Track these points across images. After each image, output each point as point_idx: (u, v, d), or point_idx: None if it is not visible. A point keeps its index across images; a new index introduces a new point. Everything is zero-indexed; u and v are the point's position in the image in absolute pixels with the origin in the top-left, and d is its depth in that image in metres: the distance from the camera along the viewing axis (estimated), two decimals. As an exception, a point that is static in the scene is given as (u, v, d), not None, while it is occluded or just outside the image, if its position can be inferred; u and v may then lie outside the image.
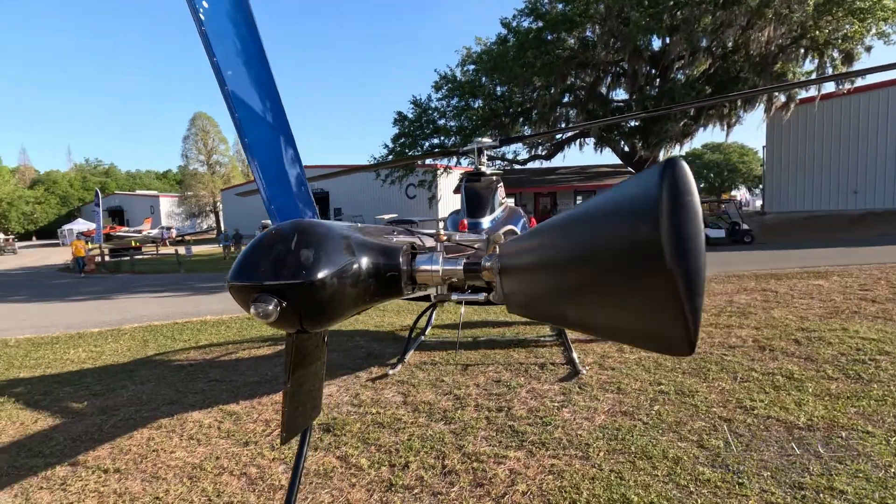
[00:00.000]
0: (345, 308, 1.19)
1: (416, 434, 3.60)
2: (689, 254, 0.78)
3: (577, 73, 20.62)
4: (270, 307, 1.05)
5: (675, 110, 16.67)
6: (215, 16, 1.12)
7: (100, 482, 3.14)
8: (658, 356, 5.14)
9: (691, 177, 0.78)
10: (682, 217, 0.78)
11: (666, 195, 0.76)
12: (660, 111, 15.38)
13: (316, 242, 1.10)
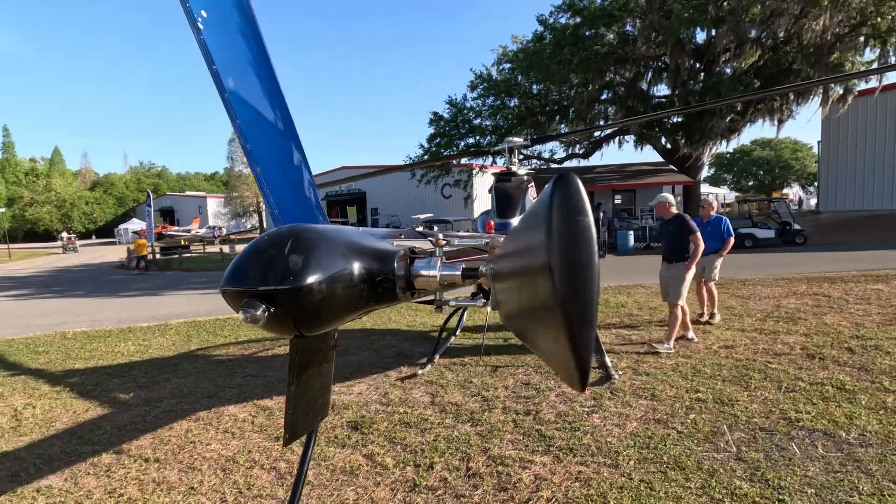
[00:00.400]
0: (337, 313, 1.19)
1: (442, 435, 3.59)
2: (578, 284, 0.72)
3: (616, 68, 20.12)
4: (258, 312, 1.06)
5: (720, 105, 15.96)
6: (214, 25, 1.15)
7: (141, 470, 3.29)
8: (696, 363, 4.94)
9: (582, 195, 0.73)
10: (572, 244, 0.73)
11: (556, 221, 0.71)
12: (702, 106, 14.75)
13: (307, 247, 1.10)
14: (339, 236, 1.25)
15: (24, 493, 3.07)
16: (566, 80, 19.31)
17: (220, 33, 1.14)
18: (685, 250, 5.50)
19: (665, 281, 5.69)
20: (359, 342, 6.57)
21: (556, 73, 18.58)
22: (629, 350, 5.50)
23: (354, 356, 5.89)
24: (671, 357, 5.16)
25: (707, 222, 6.65)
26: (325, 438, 3.64)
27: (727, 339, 5.73)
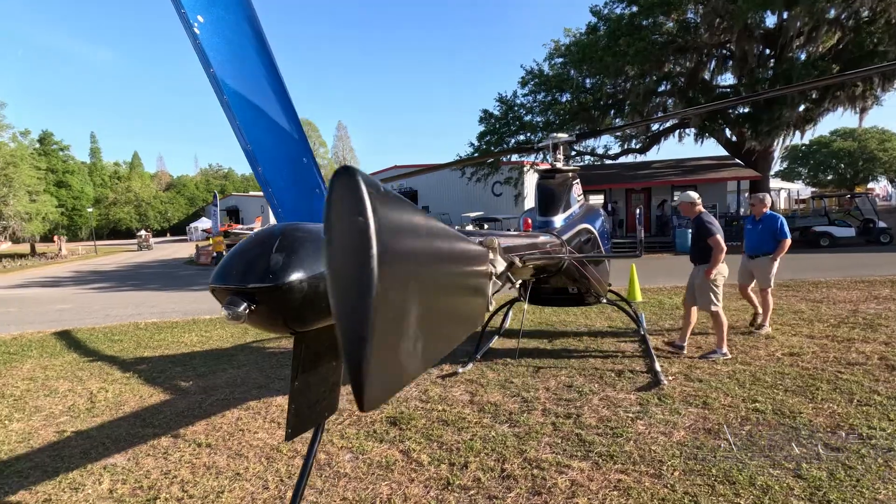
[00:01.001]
0: (324, 311, 1.19)
1: (478, 434, 3.57)
2: (346, 292, 0.63)
3: (676, 58, 19.13)
4: (240, 310, 1.08)
5: (788, 93, 14.79)
6: (212, 28, 1.18)
7: (194, 454, 3.50)
8: (756, 370, 4.62)
9: (361, 191, 0.61)
10: (340, 247, 0.64)
11: (329, 221, 0.63)
12: (759, 95, 13.73)
13: (294, 246, 1.11)
14: None
15: (93, 469, 3.35)
16: (621, 72, 18.60)
17: (217, 37, 1.17)
18: (707, 253, 5.04)
19: (692, 285, 5.26)
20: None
21: (610, 65, 17.94)
22: (683, 357, 5.22)
23: (398, 352, 5.97)
24: (728, 363, 4.85)
25: (758, 220, 6.01)
26: (364, 432, 3.72)
27: (793, 346, 5.31)
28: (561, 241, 4.06)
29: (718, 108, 17.85)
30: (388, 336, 0.69)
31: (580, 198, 5.05)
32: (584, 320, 7.15)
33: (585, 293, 4.96)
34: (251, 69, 1.26)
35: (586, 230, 4.67)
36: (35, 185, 36.45)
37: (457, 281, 1.11)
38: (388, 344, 0.69)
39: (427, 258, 0.86)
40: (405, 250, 0.74)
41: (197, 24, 1.14)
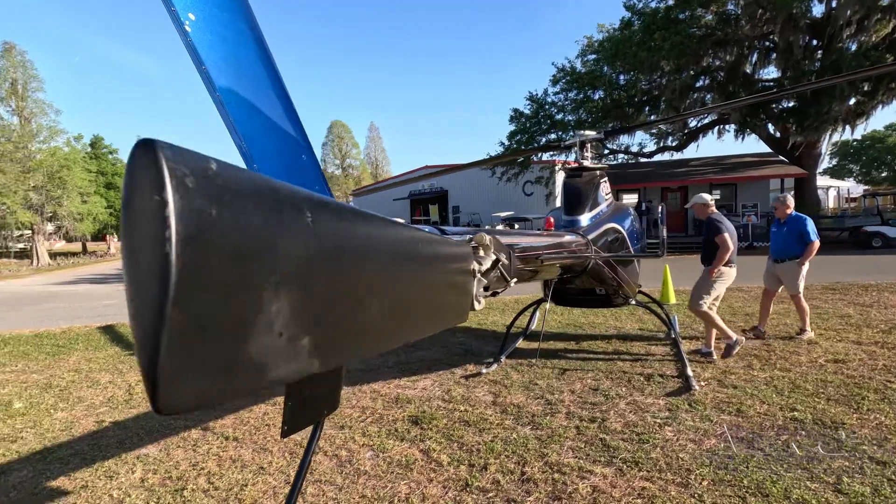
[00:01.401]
0: None
1: (499, 436, 3.52)
2: (134, 278, 0.56)
3: (715, 52, 18.46)
4: None
5: (841, 84, 14.02)
6: (203, 26, 1.19)
7: (221, 447, 3.60)
8: (796, 377, 4.40)
9: (159, 166, 0.53)
10: (133, 227, 0.55)
11: (124, 198, 0.56)
12: (792, 89, 13.04)
13: None
14: None
15: (127, 459, 3.49)
16: (656, 67, 18.10)
17: (209, 34, 1.18)
18: (714, 253, 4.93)
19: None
20: (429, 338, 6.66)
21: (644, 60, 17.49)
22: (719, 362, 5.02)
23: (423, 351, 5.98)
24: (765, 369, 4.63)
25: (784, 223, 5.71)
26: (385, 431, 3.74)
27: (838, 352, 5.02)
28: (586, 240, 3.97)
29: (758, 101, 17.07)
30: (194, 332, 0.60)
31: (608, 196, 4.93)
32: (614, 322, 6.98)
33: (613, 294, 4.84)
34: (246, 66, 1.27)
35: (613, 230, 4.54)
36: (86, 186, 38.50)
37: (379, 277, 0.96)
38: (193, 341, 0.60)
39: (296, 246, 0.73)
40: (236, 237, 0.63)
41: (188, 21, 1.15)
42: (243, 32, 1.26)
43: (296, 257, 0.74)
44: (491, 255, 1.58)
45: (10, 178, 32.09)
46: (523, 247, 2.49)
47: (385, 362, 5.59)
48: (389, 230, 0.99)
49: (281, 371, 0.75)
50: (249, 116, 1.27)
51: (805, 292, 8.52)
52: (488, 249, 1.57)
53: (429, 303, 1.20)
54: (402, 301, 1.07)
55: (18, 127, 34.55)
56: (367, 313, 0.94)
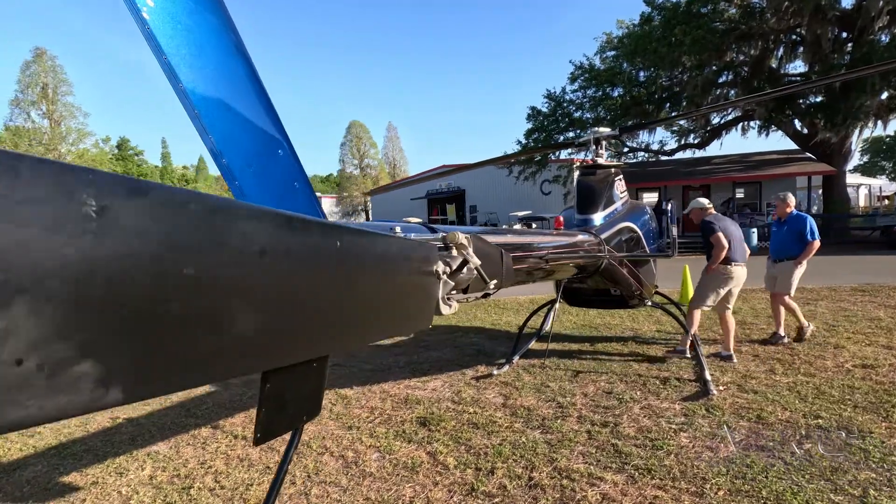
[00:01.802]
0: None
1: (508, 440, 3.45)
2: None
3: (739, 46, 17.96)
4: None
5: (871, 77, 13.49)
6: (163, 14, 1.15)
7: (229, 446, 3.61)
8: (821, 382, 4.22)
9: None
10: None
11: None
12: (831, 79, 12.58)
13: None
14: None
15: (137, 456, 3.52)
16: (677, 63, 17.72)
17: (171, 22, 1.14)
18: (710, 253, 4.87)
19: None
20: (442, 337, 6.62)
21: (665, 56, 17.12)
22: (739, 365, 4.85)
23: (435, 352, 5.93)
24: (788, 374, 4.46)
25: (783, 222, 5.54)
26: (393, 432, 3.70)
27: (866, 357, 4.81)
28: (599, 240, 3.86)
29: (781, 95, 16.51)
30: None
31: (624, 195, 4.80)
32: (631, 323, 6.83)
33: (628, 295, 4.71)
34: (213, 56, 1.22)
35: (628, 229, 4.42)
36: (113, 187, 39.53)
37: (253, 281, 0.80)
38: None
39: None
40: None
41: (147, 8, 1.12)
42: (209, 21, 1.21)
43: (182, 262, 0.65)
44: (467, 255, 1.51)
45: (40, 179, 33.13)
46: (522, 246, 2.42)
47: (396, 362, 5.56)
48: (318, 231, 0.91)
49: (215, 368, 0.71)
50: (219, 110, 1.22)
51: (832, 294, 8.24)
52: (463, 249, 1.50)
53: (375, 307, 1.12)
54: (338, 306, 0.98)
55: (49, 130, 35.68)
56: (290, 319, 0.87)
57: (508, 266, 1.81)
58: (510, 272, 1.84)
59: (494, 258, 1.71)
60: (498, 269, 1.72)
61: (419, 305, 1.31)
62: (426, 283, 1.32)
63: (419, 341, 6.50)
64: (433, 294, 1.37)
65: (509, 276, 1.84)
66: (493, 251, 1.70)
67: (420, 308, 1.32)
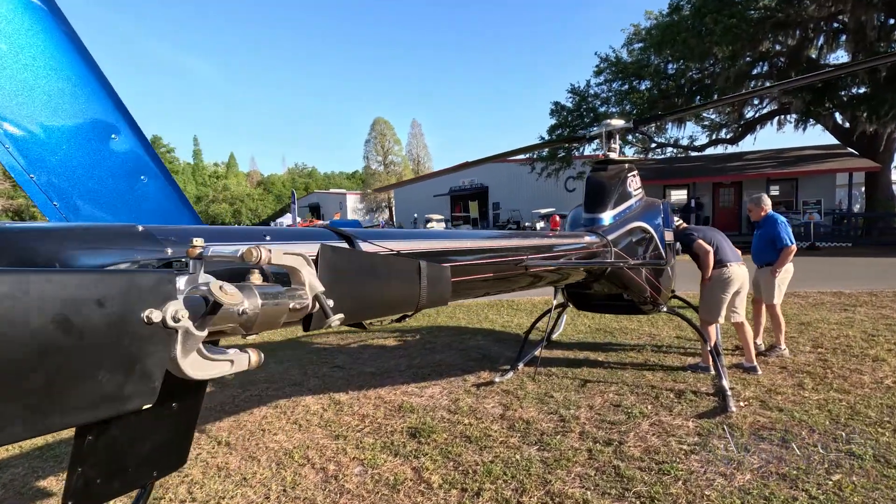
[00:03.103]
0: None
1: (501, 456, 3.20)
2: None
3: (775, 35, 17.04)
4: None
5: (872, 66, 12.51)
6: None
7: (211, 453, 3.47)
8: (856, 401, 3.81)
9: None
10: None
11: None
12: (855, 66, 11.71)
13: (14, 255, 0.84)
14: None
15: (117, 460, 3.41)
16: (707, 54, 16.92)
17: None
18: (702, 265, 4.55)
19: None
20: (448, 339, 6.39)
21: (695, 47, 16.36)
22: (762, 377, 4.46)
23: (439, 354, 5.71)
24: (819, 390, 4.05)
25: (759, 225, 5.13)
26: (381, 443, 3.49)
27: (909, 373, 4.35)
28: (604, 241, 3.56)
29: (817, 84, 15.48)
30: None
31: (638, 192, 4.45)
32: (649, 328, 6.45)
33: (640, 301, 4.38)
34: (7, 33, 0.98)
35: (640, 229, 4.08)
36: (145, 184, 40.75)
37: None
38: None
39: None
40: None
41: None
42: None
43: None
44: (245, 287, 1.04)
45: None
46: (524, 247, 2.16)
47: (398, 365, 5.36)
48: None
49: None
50: (16, 90, 0.97)
51: (874, 299, 7.64)
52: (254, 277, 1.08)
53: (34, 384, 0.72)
54: None
55: (85, 128, 36.94)
56: None
57: (438, 279, 1.53)
58: (441, 288, 1.55)
59: (375, 276, 1.34)
60: (394, 290, 1.40)
61: (127, 376, 0.85)
62: (134, 339, 0.84)
63: (425, 343, 6.29)
64: (154, 354, 0.88)
65: (439, 292, 1.55)
66: (384, 266, 1.37)
67: (130, 380, 0.86)
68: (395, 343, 6.44)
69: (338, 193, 74.02)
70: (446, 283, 1.55)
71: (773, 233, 4.94)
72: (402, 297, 1.43)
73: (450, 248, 1.83)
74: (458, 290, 1.91)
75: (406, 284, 1.38)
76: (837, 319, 6.48)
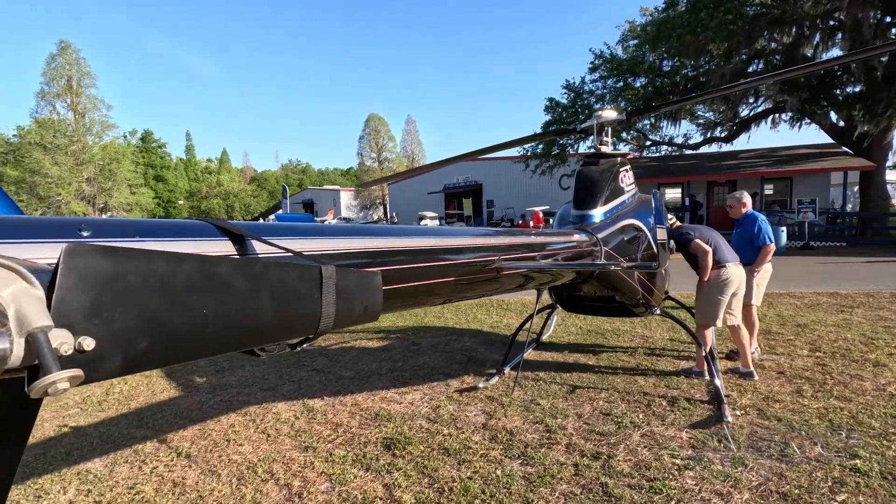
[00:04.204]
0: None
1: (480, 472, 2.96)
2: None
3: (771, 33, 16.88)
4: None
5: None
6: None
7: (169, 466, 3.21)
8: (858, 410, 3.60)
9: None
10: None
11: None
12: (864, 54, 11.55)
13: None
14: None
15: (65, 475, 3.15)
16: (702, 51, 16.73)
17: None
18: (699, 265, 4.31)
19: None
20: (434, 341, 6.15)
21: (690, 43, 16.16)
22: (760, 383, 4.25)
23: (423, 357, 5.47)
24: (819, 398, 3.85)
25: (738, 223, 4.93)
26: (353, 455, 3.24)
27: (913, 379, 4.15)
28: (594, 239, 3.32)
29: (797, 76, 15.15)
30: None
31: (631, 188, 4.22)
32: (642, 330, 6.23)
33: (632, 304, 4.15)
34: None
35: (632, 227, 3.85)
36: (134, 178, 40.18)
37: None
38: None
39: None
40: None
41: None
42: None
43: None
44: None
45: (64, 170, 33.78)
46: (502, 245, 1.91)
47: (379, 369, 5.11)
48: None
49: None
50: None
51: (871, 300, 7.47)
52: None
53: None
54: None
55: (73, 122, 36.32)
56: None
57: (360, 289, 1.27)
58: (365, 299, 1.28)
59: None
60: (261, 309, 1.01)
61: None
62: None
63: (410, 344, 6.05)
64: None
65: (361, 306, 1.25)
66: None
67: None
68: (378, 344, 6.19)
69: (332, 190, 73.47)
70: (373, 292, 1.28)
71: (752, 231, 4.74)
72: (280, 319, 1.07)
73: (389, 248, 1.56)
74: (405, 298, 1.65)
75: (288, 299, 1.09)
76: (834, 321, 6.29)
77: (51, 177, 32.98)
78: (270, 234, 1.22)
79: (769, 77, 4.62)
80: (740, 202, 4.97)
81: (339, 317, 1.19)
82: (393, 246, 1.59)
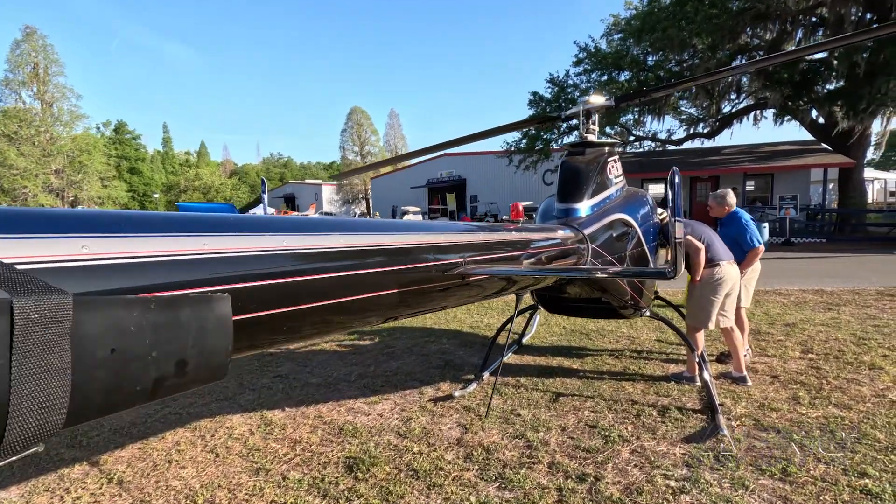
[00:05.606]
0: None
1: (451, 499, 2.61)
2: None
3: (754, 28, 16.81)
4: None
5: None
6: None
7: (95, 496, 2.80)
8: (860, 418, 3.35)
9: None
10: None
11: None
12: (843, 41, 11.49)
13: None
14: None
15: (-28, 508, 2.71)
16: (687, 45, 16.58)
17: None
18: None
19: None
20: (409, 343, 5.78)
21: (674, 37, 15.99)
22: (755, 389, 3.99)
23: (396, 361, 5.10)
24: (817, 405, 3.59)
25: (722, 223, 4.65)
26: (309, 479, 2.87)
27: (912, 384, 3.93)
28: (581, 235, 2.99)
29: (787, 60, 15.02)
30: None
31: (619, 180, 3.91)
32: (628, 331, 5.96)
33: (620, 306, 3.85)
34: None
35: (621, 222, 3.54)
36: (106, 171, 38.78)
37: None
38: None
39: None
40: None
41: None
42: None
43: None
44: None
45: (30, 161, 32.40)
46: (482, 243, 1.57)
47: (348, 375, 4.73)
48: None
49: None
50: None
51: (857, 298, 7.34)
52: None
53: None
54: None
55: (40, 111, 34.85)
56: None
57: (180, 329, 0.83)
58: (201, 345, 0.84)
59: None
60: None
61: None
62: None
63: (384, 347, 5.67)
64: None
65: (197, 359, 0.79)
66: None
67: None
68: (349, 347, 5.80)
69: (313, 184, 72.29)
70: (212, 333, 0.88)
71: (739, 233, 4.43)
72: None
73: (267, 250, 1.12)
74: (298, 328, 1.20)
75: None
76: (823, 320, 6.11)
77: (16, 168, 31.59)
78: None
79: (762, 61, 4.47)
80: (723, 202, 4.64)
81: (83, 402, 0.67)
82: (278, 247, 1.13)
